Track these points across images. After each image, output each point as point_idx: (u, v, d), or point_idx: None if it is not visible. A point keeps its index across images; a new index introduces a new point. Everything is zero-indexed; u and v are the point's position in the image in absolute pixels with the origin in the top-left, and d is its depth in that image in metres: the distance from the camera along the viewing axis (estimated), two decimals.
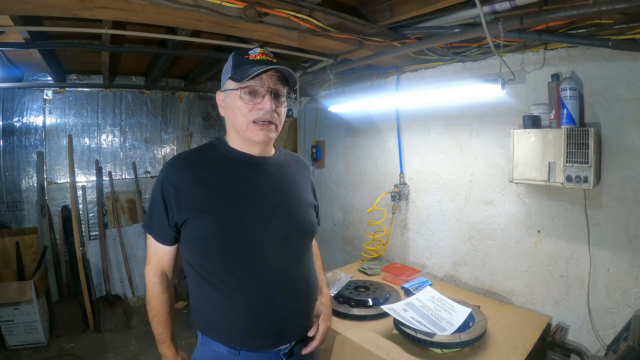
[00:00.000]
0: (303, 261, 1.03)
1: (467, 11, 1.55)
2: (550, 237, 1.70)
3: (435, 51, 1.91)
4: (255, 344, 0.94)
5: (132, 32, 1.85)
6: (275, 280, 0.94)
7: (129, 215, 3.47)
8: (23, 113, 3.04)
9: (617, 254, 1.50)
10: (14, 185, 3.04)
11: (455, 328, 1.41)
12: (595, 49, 1.50)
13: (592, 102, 1.54)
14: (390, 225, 2.45)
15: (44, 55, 2.26)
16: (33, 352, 2.57)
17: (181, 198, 0.92)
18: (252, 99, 0.93)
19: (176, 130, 3.79)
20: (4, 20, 1.51)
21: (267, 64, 0.92)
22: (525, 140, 1.58)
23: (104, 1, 1.19)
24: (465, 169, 2.04)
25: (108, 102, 3.39)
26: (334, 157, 3.03)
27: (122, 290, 3.18)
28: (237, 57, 0.96)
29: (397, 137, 2.40)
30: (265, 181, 1.00)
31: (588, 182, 1.42)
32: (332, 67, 2.25)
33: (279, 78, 0.95)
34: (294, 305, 0.98)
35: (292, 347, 0.99)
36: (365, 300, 1.73)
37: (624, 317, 1.45)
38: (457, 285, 2.08)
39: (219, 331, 0.95)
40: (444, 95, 1.81)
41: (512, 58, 1.77)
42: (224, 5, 1.31)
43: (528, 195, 1.77)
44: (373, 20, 1.72)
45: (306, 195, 1.10)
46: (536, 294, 1.75)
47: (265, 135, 0.94)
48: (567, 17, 1.29)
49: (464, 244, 2.06)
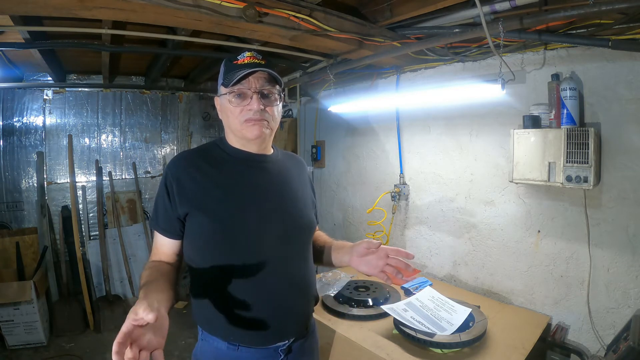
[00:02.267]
0: (301, 258, 1.04)
1: (467, 11, 1.55)
2: (550, 237, 1.70)
3: (435, 51, 1.91)
4: (254, 340, 0.96)
5: (132, 32, 1.85)
6: (274, 277, 0.96)
7: (129, 215, 3.48)
8: (23, 113, 3.05)
9: (617, 254, 1.49)
10: (14, 185, 3.05)
11: (455, 328, 1.41)
12: (595, 49, 1.50)
13: (592, 102, 1.54)
14: (390, 225, 2.45)
15: (44, 55, 2.26)
16: (33, 352, 2.57)
17: (183, 192, 0.94)
18: (241, 101, 0.95)
19: (176, 130, 3.79)
20: (4, 20, 1.52)
21: (255, 66, 0.94)
22: (525, 140, 1.58)
23: (104, 1, 1.19)
24: (465, 169, 2.04)
25: (108, 102, 3.39)
26: (334, 157, 3.03)
27: (122, 290, 3.18)
28: (227, 63, 0.99)
29: (397, 137, 2.40)
30: (264, 178, 1.02)
31: (588, 182, 1.42)
32: (332, 67, 2.25)
33: (268, 79, 0.96)
34: (292, 302, 0.99)
35: (290, 344, 1.00)
36: (365, 300, 1.73)
37: (624, 317, 1.45)
38: (457, 285, 2.08)
39: (218, 326, 0.96)
40: (444, 95, 1.81)
41: (512, 58, 1.76)
42: (224, 5, 1.31)
43: (528, 195, 1.77)
44: (373, 20, 1.73)
45: (305, 193, 1.12)
46: (536, 294, 1.75)
47: (259, 130, 0.96)
48: (567, 17, 1.29)
49: (464, 244, 2.06)
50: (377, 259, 1.02)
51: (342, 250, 1.12)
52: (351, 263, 1.06)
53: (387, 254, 1.01)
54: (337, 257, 1.13)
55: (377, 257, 1.02)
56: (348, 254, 1.07)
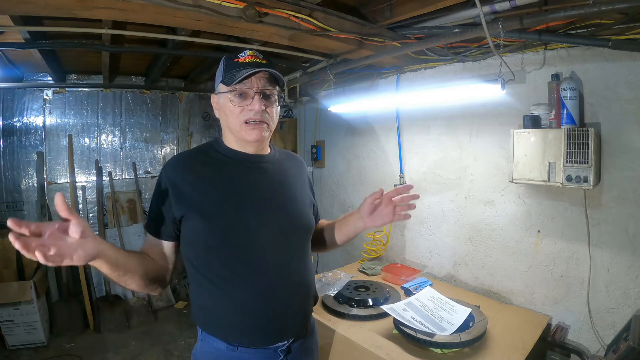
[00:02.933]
0: (300, 258, 1.04)
1: (467, 11, 1.55)
2: (550, 237, 1.70)
3: (435, 51, 1.91)
4: (253, 340, 0.96)
5: (132, 32, 1.85)
6: (273, 277, 0.96)
7: (129, 215, 3.48)
8: (23, 113, 3.05)
9: (617, 254, 1.49)
10: (14, 185, 3.04)
11: (455, 328, 1.42)
12: (595, 49, 1.50)
13: (592, 102, 1.54)
14: (390, 225, 2.44)
15: (44, 55, 2.26)
16: (33, 352, 2.57)
17: (179, 195, 0.94)
18: (242, 101, 0.95)
19: (176, 130, 3.79)
20: (4, 20, 1.52)
21: (257, 66, 0.94)
22: (525, 140, 1.58)
23: (104, 1, 1.19)
24: (465, 169, 2.04)
25: (108, 102, 3.39)
26: (334, 157, 3.03)
27: (122, 290, 3.18)
28: (228, 60, 0.98)
29: (397, 137, 2.40)
30: (261, 179, 1.02)
31: (588, 182, 1.42)
32: (332, 67, 2.25)
33: (269, 79, 0.96)
34: (291, 302, 0.99)
35: (289, 344, 1.00)
36: (365, 300, 1.73)
37: (624, 317, 1.45)
38: (457, 285, 2.08)
39: (217, 327, 0.96)
40: (444, 95, 1.81)
41: (512, 58, 1.77)
42: (224, 5, 1.31)
43: (528, 195, 1.77)
44: (373, 20, 1.73)
45: (303, 192, 1.11)
46: (536, 294, 1.75)
47: (258, 134, 0.96)
48: (567, 17, 1.29)
49: (464, 244, 2.06)
50: (385, 207, 1.06)
51: (349, 221, 1.15)
52: (366, 225, 1.10)
53: (390, 198, 1.06)
54: (348, 229, 1.15)
55: (384, 205, 1.07)
56: (359, 220, 1.11)
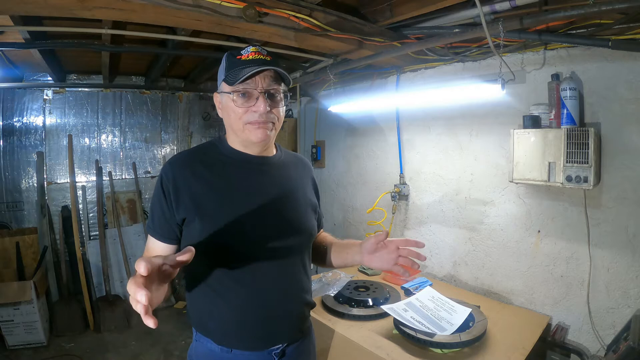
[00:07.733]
0: (298, 263, 1.01)
1: (467, 11, 1.55)
2: (550, 237, 1.70)
3: (435, 51, 1.91)
4: (247, 344, 0.94)
5: (132, 32, 1.85)
6: (269, 281, 0.94)
7: (129, 215, 3.47)
8: (23, 113, 3.04)
9: (617, 254, 1.50)
10: (14, 185, 3.04)
11: (455, 328, 1.41)
12: (595, 49, 1.50)
13: (592, 102, 1.54)
14: (390, 225, 2.45)
15: (44, 55, 2.26)
16: (33, 352, 2.57)
17: (179, 197, 0.91)
18: (246, 102, 0.90)
19: (176, 130, 3.79)
20: (4, 20, 1.51)
21: (261, 63, 0.88)
22: (525, 140, 1.58)
23: (104, 1, 1.19)
24: (465, 169, 2.04)
25: (108, 102, 3.39)
26: (334, 157, 3.03)
27: (122, 290, 3.18)
28: (230, 57, 0.92)
29: (397, 137, 2.40)
30: (263, 182, 0.98)
31: (588, 182, 1.42)
32: (332, 67, 2.25)
33: (274, 77, 0.91)
34: (286, 306, 0.97)
35: (284, 347, 0.99)
36: (365, 300, 1.73)
37: (624, 317, 1.45)
38: (457, 285, 2.08)
39: (212, 329, 0.95)
40: (444, 95, 1.82)
41: (512, 58, 1.77)
42: (224, 5, 1.31)
43: (528, 195, 1.77)
44: (373, 20, 1.72)
45: (307, 197, 1.09)
46: (536, 294, 1.75)
47: (263, 133, 0.92)
48: (567, 17, 1.29)
49: (464, 244, 2.06)
50: (388, 253, 0.99)
51: (350, 250, 1.09)
52: (363, 262, 1.05)
53: (397, 246, 0.99)
54: (346, 257, 1.10)
55: (388, 251, 1.00)
56: (359, 254, 1.05)
